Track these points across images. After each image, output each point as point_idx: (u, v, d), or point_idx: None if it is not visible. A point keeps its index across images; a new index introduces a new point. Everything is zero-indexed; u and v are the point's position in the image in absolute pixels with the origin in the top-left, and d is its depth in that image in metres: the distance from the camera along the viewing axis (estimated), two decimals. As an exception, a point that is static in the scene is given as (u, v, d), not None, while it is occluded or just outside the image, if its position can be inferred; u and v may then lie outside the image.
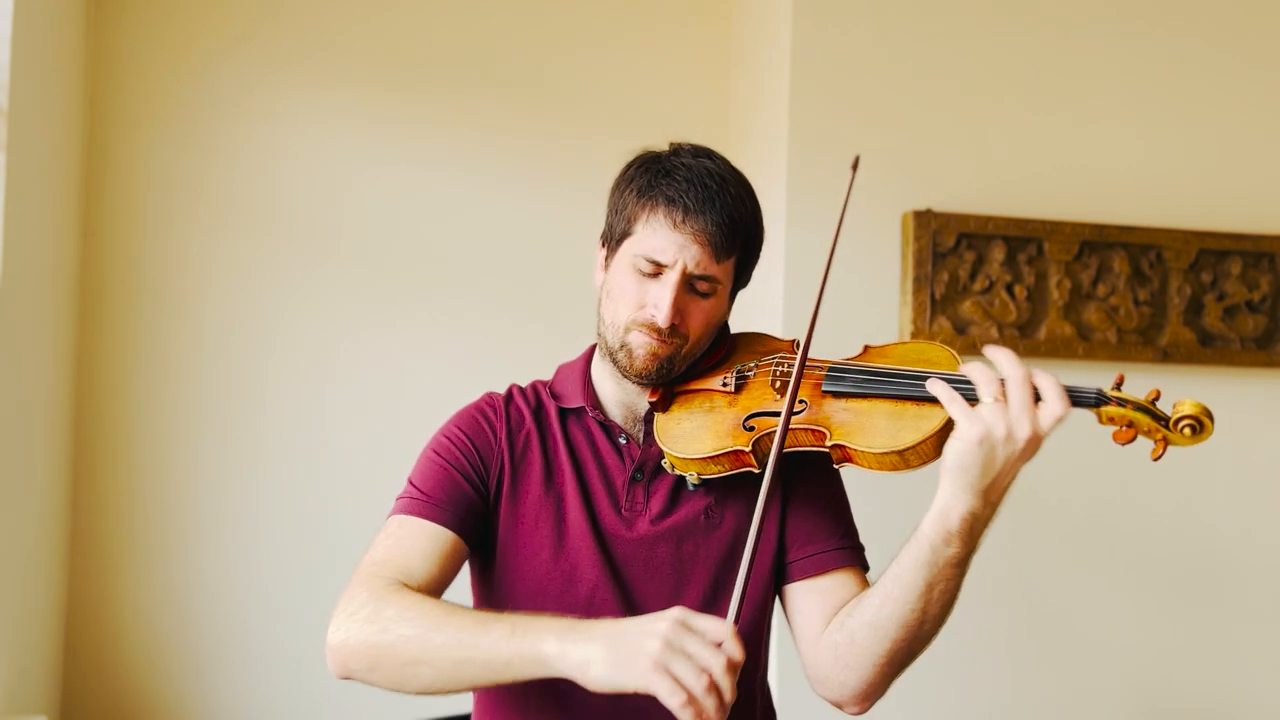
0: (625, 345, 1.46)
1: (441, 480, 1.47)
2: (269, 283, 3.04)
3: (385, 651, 1.29)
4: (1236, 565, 3.05)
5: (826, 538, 1.50)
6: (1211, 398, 3.13)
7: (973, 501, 1.27)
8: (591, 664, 1.19)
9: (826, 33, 2.91)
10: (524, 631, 1.24)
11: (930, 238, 2.88)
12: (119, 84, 3.00)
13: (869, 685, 1.40)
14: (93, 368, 2.96)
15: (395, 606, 1.31)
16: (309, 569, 3.01)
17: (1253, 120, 3.09)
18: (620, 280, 1.47)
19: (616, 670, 1.17)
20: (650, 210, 1.44)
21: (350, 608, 1.34)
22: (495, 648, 1.24)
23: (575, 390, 1.54)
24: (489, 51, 3.18)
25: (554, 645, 1.21)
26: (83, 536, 2.94)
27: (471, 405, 1.56)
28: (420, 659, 1.27)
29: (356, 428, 3.06)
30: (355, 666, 1.32)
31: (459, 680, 1.28)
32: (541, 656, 1.22)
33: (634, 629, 1.20)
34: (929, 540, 1.30)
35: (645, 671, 1.16)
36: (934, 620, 1.36)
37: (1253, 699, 3.05)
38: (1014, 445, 1.25)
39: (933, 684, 2.86)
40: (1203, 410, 1.27)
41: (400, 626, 1.29)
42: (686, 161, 1.46)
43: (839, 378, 1.41)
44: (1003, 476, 1.27)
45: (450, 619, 1.28)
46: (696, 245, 1.42)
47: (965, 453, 1.25)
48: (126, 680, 2.93)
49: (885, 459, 1.33)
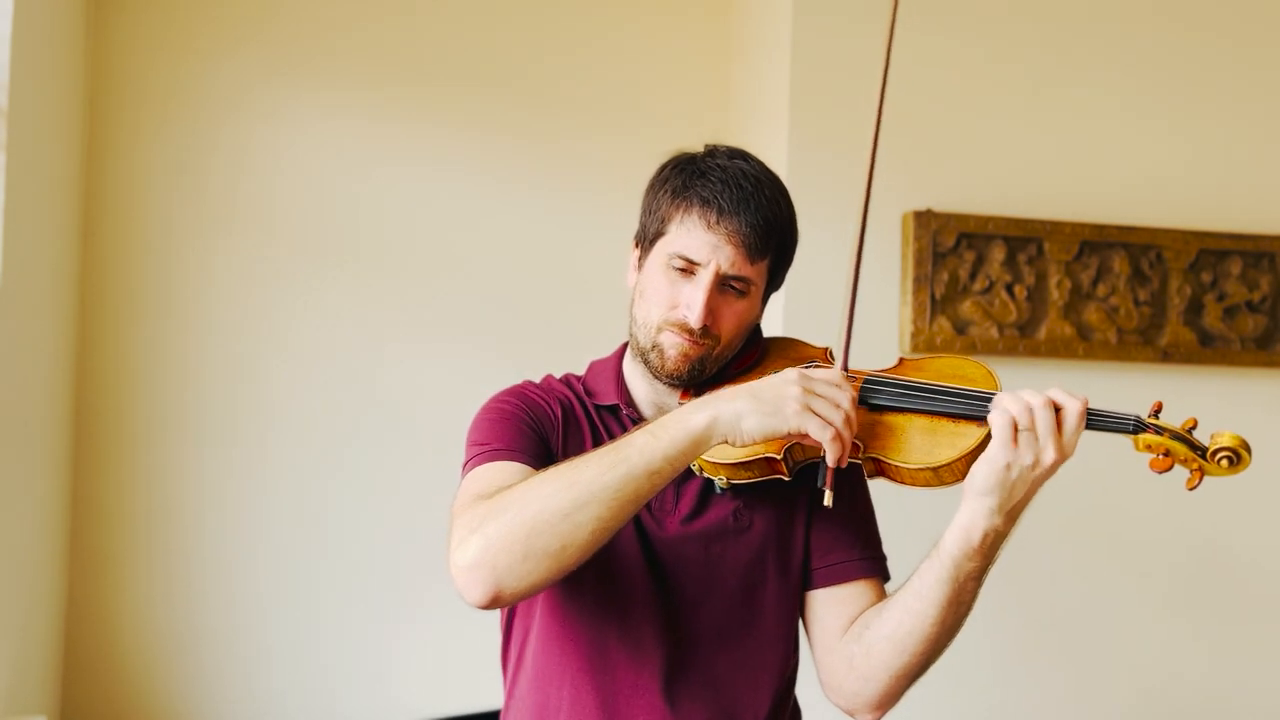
0: (657, 346, 1.46)
1: (511, 429, 1.44)
2: (269, 282, 3.04)
3: (536, 520, 1.24)
4: (1237, 565, 3.05)
5: (849, 547, 1.50)
6: (1211, 398, 3.13)
7: (995, 519, 1.32)
8: (744, 416, 1.27)
9: (826, 32, 2.91)
10: (664, 425, 1.29)
11: (930, 238, 2.88)
12: (119, 84, 3.00)
13: (882, 696, 1.43)
14: (93, 368, 2.96)
15: (515, 490, 1.27)
16: (309, 569, 3.01)
17: (1253, 120, 3.09)
18: (654, 280, 1.46)
19: (769, 417, 1.27)
20: (685, 210, 1.44)
21: (469, 524, 1.27)
22: (646, 450, 1.27)
23: (609, 388, 1.54)
24: (489, 50, 3.18)
25: (701, 416, 1.27)
26: (83, 537, 2.93)
27: (515, 385, 1.54)
28: (578, 503, 1.24)
29: (357, 427, 3.05)
30: (505, 562, 1.24)
31: (623, 507, 1.26)
32: (695, 433, 1.27)
33: (768, 385, 1.30)
34: (951, 557, 1.33)
35: (796, 413, 1.27)
36: (951, 633, 1.39)
37: (1253, 699, 3.05)
38: (1040, 469, 1.31)
39: (933, 684, 2.85)
40: (1241, 443, 1.31)
41: (537, 491, 1.25)
42: (721, 163, 1.46)
43: (876, 390, 1.41)
44: (1027, 497, 1.33)
45: (579, 461, 1.28)
46: (730, 246, 1.42)
47: (992, 475, 1.30)
48: (126, 680, 2.93)
49: (919, 475, 1.35)
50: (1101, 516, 2.99)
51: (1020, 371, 2.89)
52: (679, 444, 1.27)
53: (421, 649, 3.05)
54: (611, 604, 1.44)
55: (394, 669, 3.04)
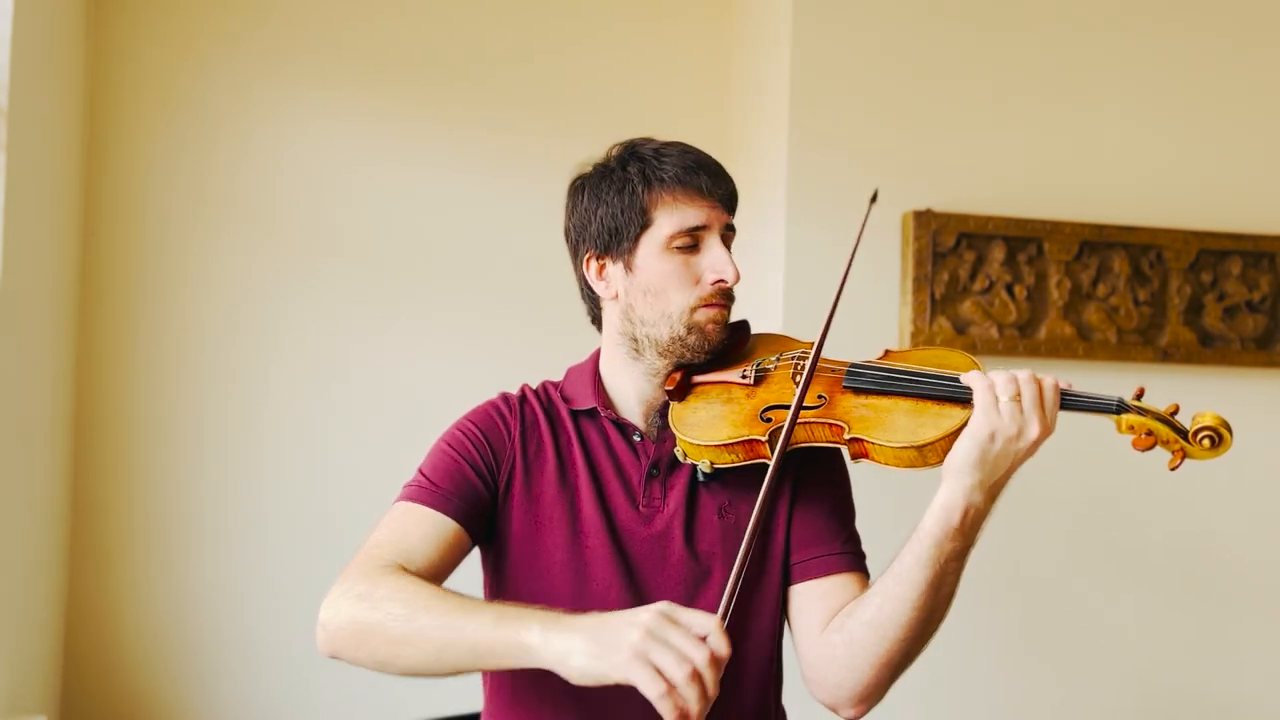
0: (694, 327, 1.48)
1: (450, 471, 1.48)
2: (269, 282, 3.04)
3: (373, 629, 1.30)
4: (1237, 564, 3.05)
5: (831, 540, 1.50)
6: (1211, 398, 3.14)
7: (975, 496, 1.30)
8: (572, 654, 1.19)
9: (826, 32, 2.91)
10: (510, 620, 1.24)
11: (930, 238, 2.88)
12: (119, 84, 3.00)
13: (865, 687, 1.40)
14: (93, 368, 2.96)
15: (388, 587, 1.32)
16: (309, 569, 3.01)
17: (1253, 120, 3.09)
18: (659, 271, 1.48)
19: (597, 660, 1.17)
20: (669, 191, 1.47)
21: (344, 586, 1.35)
22: (480, 633, 1.25)
23: (586, 392, 1.55)
24: (489, 50, 3.18)
25: (537, 635, 1.21)
26: (83, 537, 2.94)
27: (486, 403, 1.57)
28: (406, 639, 1.28)
29: (358, 426, 3.06)
30: (342, 643, 1.33)
31: (443, 663, 1.28)
32: (524, 645, 1.22)
33: (617, 620, 1.19)
34: (932, 536, 1.32)
35: (626, 660, 1.15)
36: (933, 619, 1.37)
37: (1253, 698, 3.05)
38: (1023, 443, 1.30)
39: (932, 684, 2.86)
40: (1221, 422, 1.30)
41: (390, 605, 1.30)
42: (660, 144, 1.52)
43: (859, 375, 1.43)
44: (1007, 474, 1.33)
45: (439, 603, 1.29)
46: (720, 202, 1.49)
47: (975, 448, 1.29)
48: (126, 680, 2.93)
49: (904, 454, 1.35)
50: (1101, 516, 2.99)
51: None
52: (507, 645, 1.23)
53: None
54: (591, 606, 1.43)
55: (394, 669, 3.04)
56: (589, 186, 1.54)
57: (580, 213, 1.54)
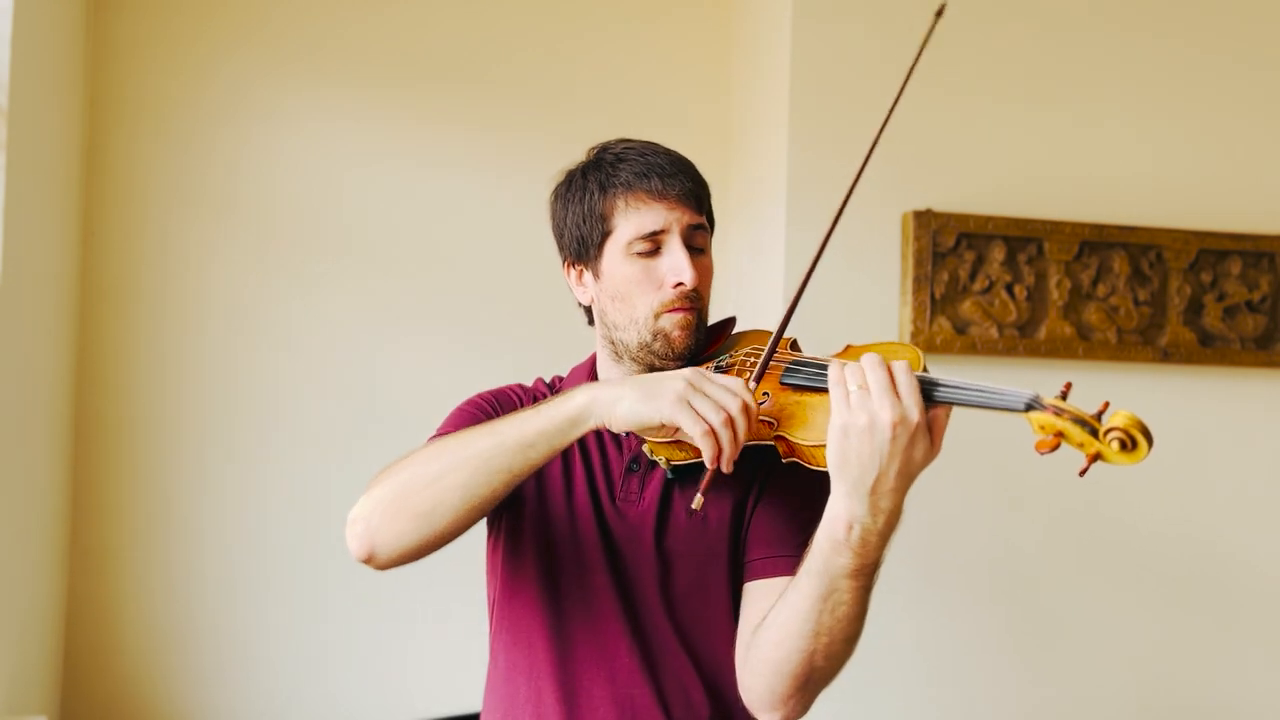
0: (659, 333, 1.47)
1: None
2: (269, 282, 3.04)
3: (410, 482, 1.33)
4: (1236, 566, 3.05)
5: (781, 543, 1.45)
6: (1211, 398, 3.13)
7: (855, 506, 1.19)
8: (621, 400, 1.28)
9: (826, 32, 2.91)
10: (549, 402, 1.32)
11: (930, 238, 2.88)
12: (119, 84, 3.00)
13: (773, 694, 1.34)
14: (93, 368, 2.96)
15: (405, 457, 1.37)
16: (309, 569, 3.01)
17: (1253, 120, 3.09)
18: (623, 277, 1.48)
19: (643, 404, 1.27)
20: (624, 197, 1.48)
21: (369, 486, 1.39)
22: (523, 425, 1.30)
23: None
24: (489, 49, 3.18)
25: (582, 398, 1.30)
26: (83, 536, 2.94)
27: (497, 387, 1.62)
28: (447, 467, 1.32)
29: (357, 424, 3.06)
30: (378, 520, 1.34)
31: (491, 471, 1.30)
32: (571, 413, 1.29)
33: (658, 376, 1.30)
34: (819, 547, 1.24)
35: (671, 404, 1.26)
36: (831, 635, 1.27)
37: (1252, 700, 3.05)
38: (882, 434, 1.16)
39: (931, 684, 2.86)
40: (1135, 424, 1.09)
41: (417, 456, 1.35)
42: (623, 147, 1.52)
43: (795, 370, 1.36)
44: (884, 477, 1.17)
45: (466, 431, 1.35)
46: (680, 202, 1.47)
47: (834, 449, 1.19)
48: (126, 680, 2.93)
49: (818, 453, 1.26)
50: (1099, 517, 2.99)
51: (1020, 372, 2.90)
52: (555, 420, 1.29)
53: (422, 648, 3.05)
54: (572, 594, 1.47)
55: (395, 668, 3.04)
56: (559, 195, 1.56)
57: (556, 221, 1.57)
